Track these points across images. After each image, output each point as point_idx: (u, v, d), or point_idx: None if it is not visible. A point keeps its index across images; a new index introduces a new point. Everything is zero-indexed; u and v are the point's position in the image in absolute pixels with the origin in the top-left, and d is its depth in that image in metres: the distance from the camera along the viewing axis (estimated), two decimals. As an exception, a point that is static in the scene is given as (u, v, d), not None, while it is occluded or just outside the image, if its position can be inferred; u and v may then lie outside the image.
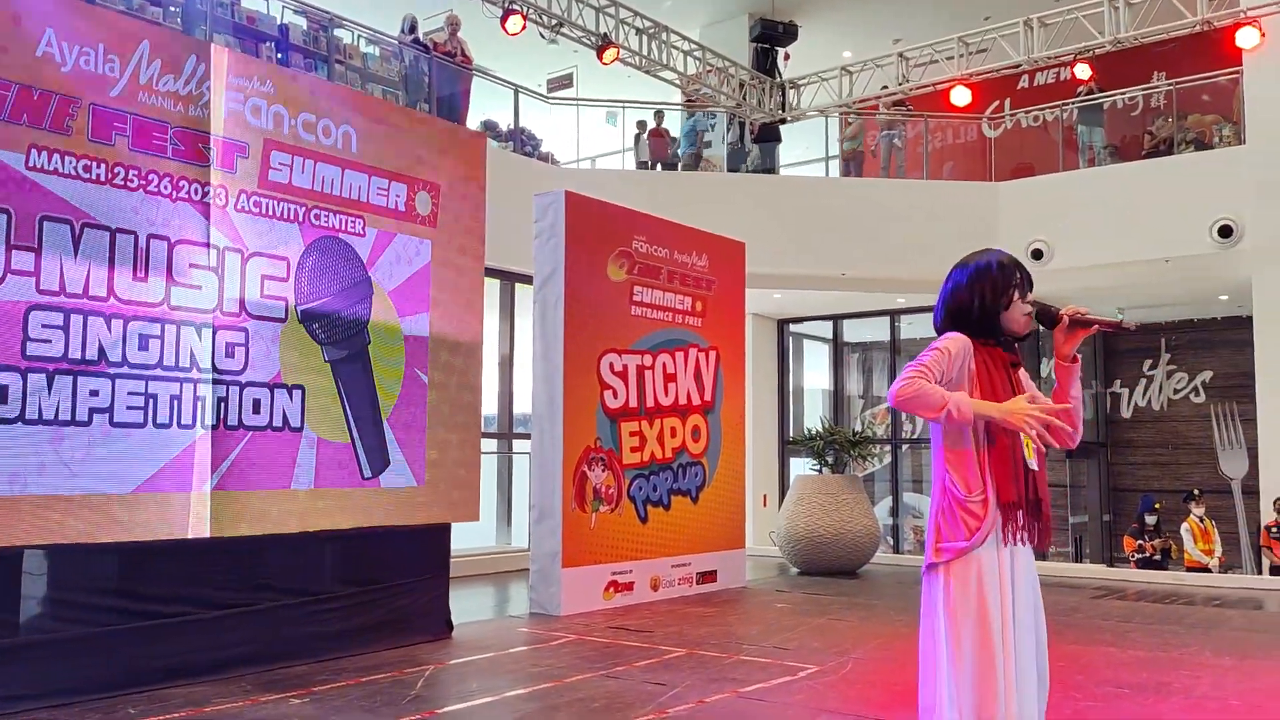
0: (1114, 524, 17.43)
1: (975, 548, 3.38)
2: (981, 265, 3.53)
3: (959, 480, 3.44)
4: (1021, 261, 3.62)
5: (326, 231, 7.29)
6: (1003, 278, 3.49)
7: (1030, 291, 3.54)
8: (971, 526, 3.39)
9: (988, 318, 3.49)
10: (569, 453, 9.28)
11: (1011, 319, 3.50)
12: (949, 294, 3.56)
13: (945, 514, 3.44)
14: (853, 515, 12.31)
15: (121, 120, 6.17)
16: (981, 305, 3.49)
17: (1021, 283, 3.50)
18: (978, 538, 3.38)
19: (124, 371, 6.09)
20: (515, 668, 6.99)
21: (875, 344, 19.06)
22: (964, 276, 3.54)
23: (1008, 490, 3.42)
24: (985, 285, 3.49)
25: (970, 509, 3.40)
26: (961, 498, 3.42)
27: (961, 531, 3.40)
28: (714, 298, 11.21)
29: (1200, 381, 17.22)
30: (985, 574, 3.38)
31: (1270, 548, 12.40)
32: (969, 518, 3.40)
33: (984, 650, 3.33)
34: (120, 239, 6.13)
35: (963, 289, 3.52)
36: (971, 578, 3.37)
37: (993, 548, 3.40)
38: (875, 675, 6.71)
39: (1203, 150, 14.45)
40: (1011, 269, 3.51)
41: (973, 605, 3.36)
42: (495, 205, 8.85)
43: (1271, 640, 8.13)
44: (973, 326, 3.50)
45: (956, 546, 3.40)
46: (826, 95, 16.10)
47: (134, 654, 6.12)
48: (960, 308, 3.52)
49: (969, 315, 3.51)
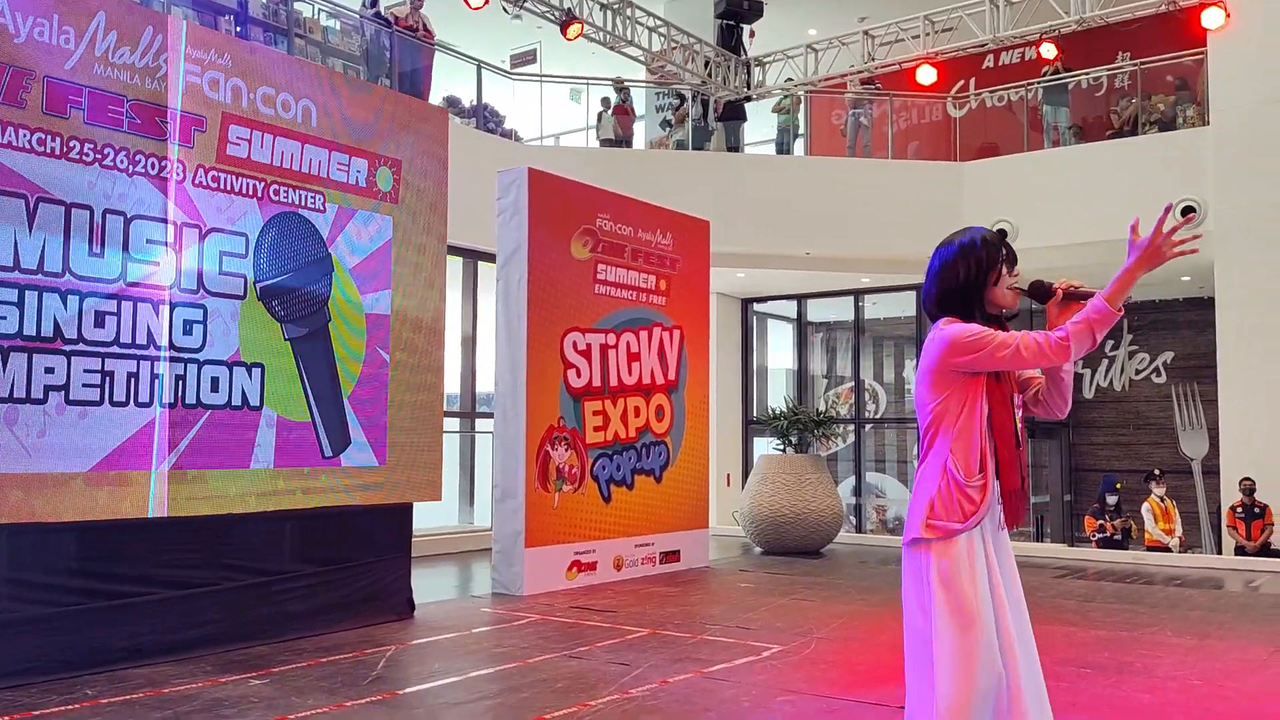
0: (1075, 504, 17.56)
1: (966, 531, 3.37)
2: (965, 242, 3.50)
3: (960, 463, 3.42)
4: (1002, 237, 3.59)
5: (286, 207, 7.18)
6: (988, 253, 3.47)
7: (1015, 267, 3.53)
8: (967, 510, 3.38)
9: (975, 294, 3.48)
10: (532, 432, 9.23)
11: (999, 294, 3.49)
12: (937, 273, 3.54)
13: (942, 493, 3.42)
14: (816, 495, 12.32)
15: (76, 93, 6.05)
16: (968, 281, 3.47)
17: (1007, 258, 3.49)
18: (971, 522, 3.37)
19: (80, 349, 5.98)
20: (478, 648, 6.95)
21: (839, 324, 19.08)
22: (949, 254, 3.52)
23: (1011, 476, 3.42)
24: (971, 261, 3.47)
25: (969, 493, 3.39)
26: (962, 481, 3.41)
27: (957, 514, 3.38)
28: (678, 276, 11.17)
29: (1162, 362, 17.35)
30: (973, 555, 3.38)
31: (1235, 527, 12.51)
32: (966, 502, 3.39)
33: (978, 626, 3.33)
34: (76, 214, 6.02)
35: (949, 266, 3.50)
36: (961, 556, 3.37)
37: (979, 532, 3.40)
38: (838, 655, 6.72)
39: (1166, 131, 14.52)
40: (996, 244, 3.49)
41: (964, 582, 3.36)
42: (458, 182, 8.76)
43: (1232, 620, 8.20)
44: (961, 304, 3.49)
45: (949, 527, 3.38)
46: (792, 73, 16.07)
47: (93, 634, 6.04)
48: (949, 286, 3.50)
49: (955, 294, 3.49)
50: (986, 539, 3.44)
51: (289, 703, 5.36)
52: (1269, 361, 12.92)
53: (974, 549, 3.40)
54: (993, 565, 3.44)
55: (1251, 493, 12.42)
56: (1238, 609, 8.78)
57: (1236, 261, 13.23)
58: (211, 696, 5.48)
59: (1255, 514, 12.38)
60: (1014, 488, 3.42)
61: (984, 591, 3.38)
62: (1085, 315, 3.31)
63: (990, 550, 3.45)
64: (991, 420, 3.44)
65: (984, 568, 3.40)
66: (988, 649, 3.33)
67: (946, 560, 3.40)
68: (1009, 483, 3.42)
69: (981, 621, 3.35)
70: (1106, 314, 3.30)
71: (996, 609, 3.39)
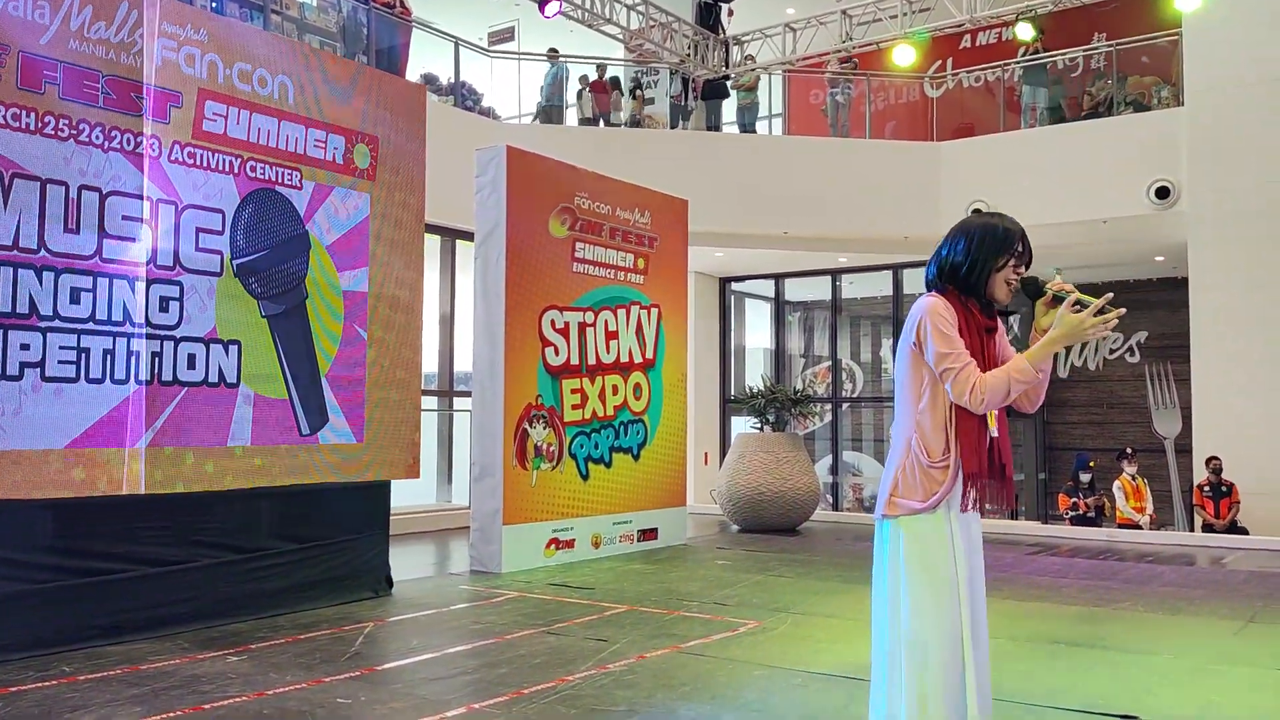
0: (1049, 482, 17.70)
1: (928, 511, 3.42)
2: (988, 226, 3.55)
3: (925, 444, 3.47)
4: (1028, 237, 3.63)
5: (262, 184, 7.15)
6: (1005, 243, 3.51)
7: (1025, 267, 3.57)
8: (929, 490, 3.43)
9: (976, 277, 3.52)
10: (510, 410, 9.23)
11: (995, 284, 3.53)
12: (947, 249, 3.58)
13: (906, 472, 3.48)
14: (793, 473, 12.37)
15: (51, 68, 6.00)
16: (973, 264, 3.51)
17: (1020, 254, 3.52)
18: (933, 501, 3.42)
19: (56, 325, 5.96)
20: (456, 625, 6.98)
21: (817, 303, 19.15)
22: (966, 236, 3.56)
23: (970, 461, 3.45)
24: (985, 245, 3.51)
25: (931, 474, 3.44)
26: (925, 462, 3.45)
27: (919, 493, 3.44)
28: (656, 255, 11.17)
29: (1135, 342, 17.47)
30: (935, 535, 3.43)
31: (1203, 506, 12.64)
32: (929, 482, 3.44)
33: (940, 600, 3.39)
34: (51, 189, 5.98)
35: (961, 247, 3.54)
36: (925, 534, 3.42)
37: (944, 512, 3.45)
38: (814, 631, 6.77)
39: (1141, 111, 14.59)
40: (1015, 239, 3.52)
41: (925, 559, 3.42)
42: (435, 161, 8.74)
43: (1203, 595, 8.29)
44: (959, 283, 3.53)
45: (911, 506, 3.44)
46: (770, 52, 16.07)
47: (70, 611, 6.03)
48: (954, 263, 3.54)
49: (958, 272, 3.53)
50: (954, 523, 3.48)
51: (267, 679, 5.37)
52: (1241, 341, 13.05)
53: (941, 529, 3.45)
54: (958, 552, 3.48)
55: (1219, 471, 12.55)
56: (1209, 585, 8.88)
57: (1210, 242, 13.34)
58: (189, 673, 5.48)
59: (1222, 492, 12.53)
60: (972, 471, 3.45)
61: (949, 573, 3.43)
62: (1008, 368, 3.39)
63: (958, 535, 3.49)
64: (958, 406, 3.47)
65: (948, 555, 3.45)
66: (951, 625, 3.39)
67: (912, 537, 3.45)
68: (968, 466, 3.45)
69: (946, 598, 3.40)
70: (1026, 372, 3.39)
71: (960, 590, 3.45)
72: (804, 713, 4.92)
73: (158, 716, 4.68)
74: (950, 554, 3.45)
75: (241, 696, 5.03)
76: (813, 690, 5.29)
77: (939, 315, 3.46)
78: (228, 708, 4.84)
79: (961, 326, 3.47)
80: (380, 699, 5.04)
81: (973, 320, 3.52)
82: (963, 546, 3.49)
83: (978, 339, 3.49)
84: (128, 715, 4.70)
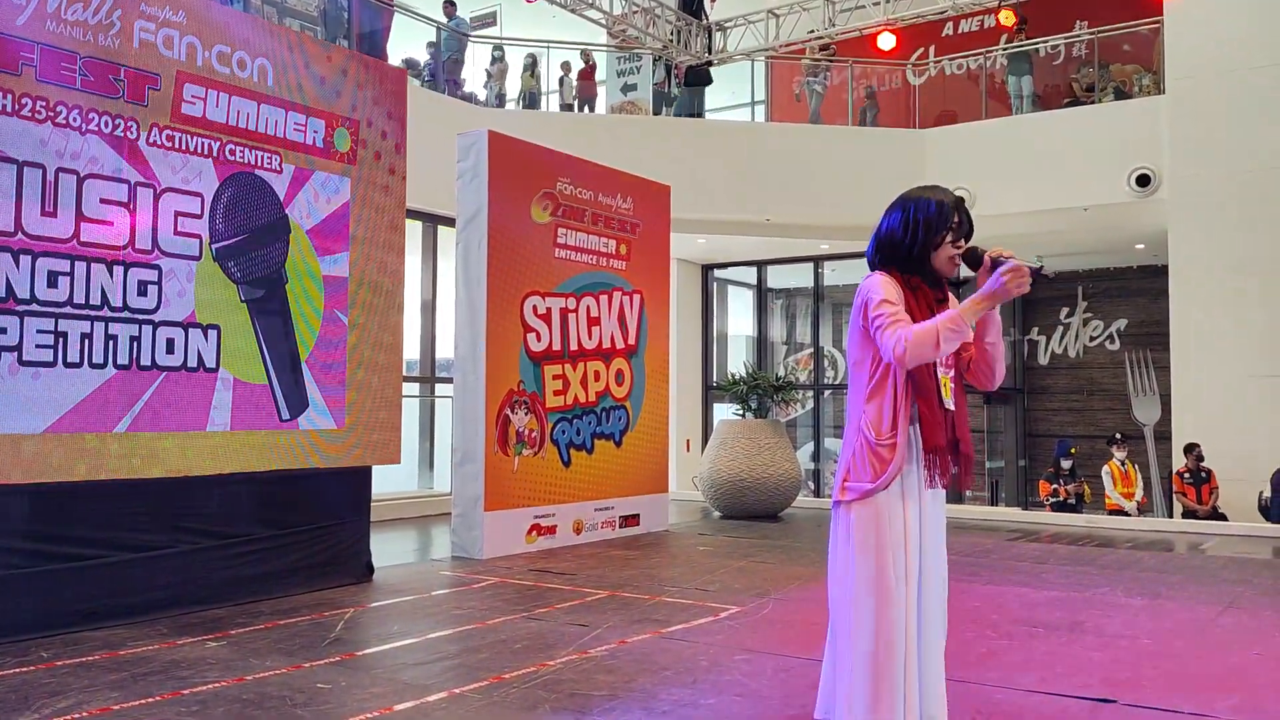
0: (1029, 469, 17.78)
1: (879, 490, 3.41)
2: (921, 203, 3.53)
3: (872, 423, 3.46)
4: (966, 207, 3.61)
5: (242, 167, 7.11)
6: (939, 219, 3.49)
7: (967, 238, 3.55)
8: (878, 469, 3.43)
9: (917, 255, 3.50)
10: (491, 396, 9.21)
11: (938, 260, 3.52)
12: (885, 228, 3.57)
13: (856, 455, 3.48)
14: (775, 460, 12.39)
15: (28, 49, 5.94)
16: (912, 243, 3.49)
17: (957, 226, 3.50)
18: (883, 480, 3.42)
19: (33, 309, 5.91)
20: (437, 610, 6.96)
21: (799, 290, 19.17)
22: (902, 212, 3.55)
23: (935, 434, 3.44)
24: (920, 223, 3.50)
25: (879, 452, 3.44)
26: (873, 440, 3.45)
27: (868, 474, 3.44)
28: (639, 241, 11.15)
29: (1116, 329, 17.55)
30: (888, 517, 3.43)
31: (1184, 493, 12.70)
32: (877, 461, 3.44)
33: (881, 587, 3.40)
34: (28, 172, 5.93)
35: (898, 224, 3.53)
36: (875, 518, 3.42)
37: (897, 492, 3.44)
38: (795, 615, 6.78)
39: (1122, 99, 14.63)
40: (950, 212, 3.50)
41: (873, 545, 3.41)
42: (416, 146, 8.70)
43: (1182, 581, 8.33)
44: (900, 262, 3.52)
45: (862, 488, 3.44)
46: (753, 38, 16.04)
47: (47, 597, 5.99)
48: (893, 242, 3.53)
49: (899, 250, 3.52)
50: (908, 502, 3.47)
51: (246, 664, 5.35)
52: (1221, 329, 13.11)
53: (888, 514, 3.43)
54: (911, 532, 3.47)
55: (1200, 459, 12.61)
56: (1188, 570, 8.93)
57: (1190, 229, 13.39)
58: (168, 659, 5.46)
59: (1202, 479, 12.59)
60: (938, 444, 3.45)
61: (896, 560, 3.43)
62: (937, 319, 3.35)
63: (911, 514, 3.47)
64: (914, 380, 3.46)
65: (899, 537, 3.44)
66: (892, 618, 3.40)
67: (862, 521, 3.45)
68: (932, 439, 3.44)
69: (884, 590, 3.40)
70: (957, 321, 3.33)
71: (905, 574, 3.45)
72: (786, 695, 4.93)
73: (136, 702, 4.66)
74: (900, 536, 3.44)
75: (221, 682, 5.01)
76: (794, 674, 5.29)
77: (884, 286, 3.45)
78: (207, 693, 4.82)
79: (909, 302, 3.45)
80: (361, 684, 5.02)
81: (921, 295, 3.50)
82: (915, 528, 3.48)
83: (927, 313, 3.47)
84: (106, 700, 4.67)
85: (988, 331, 3.55)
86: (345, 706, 4.63)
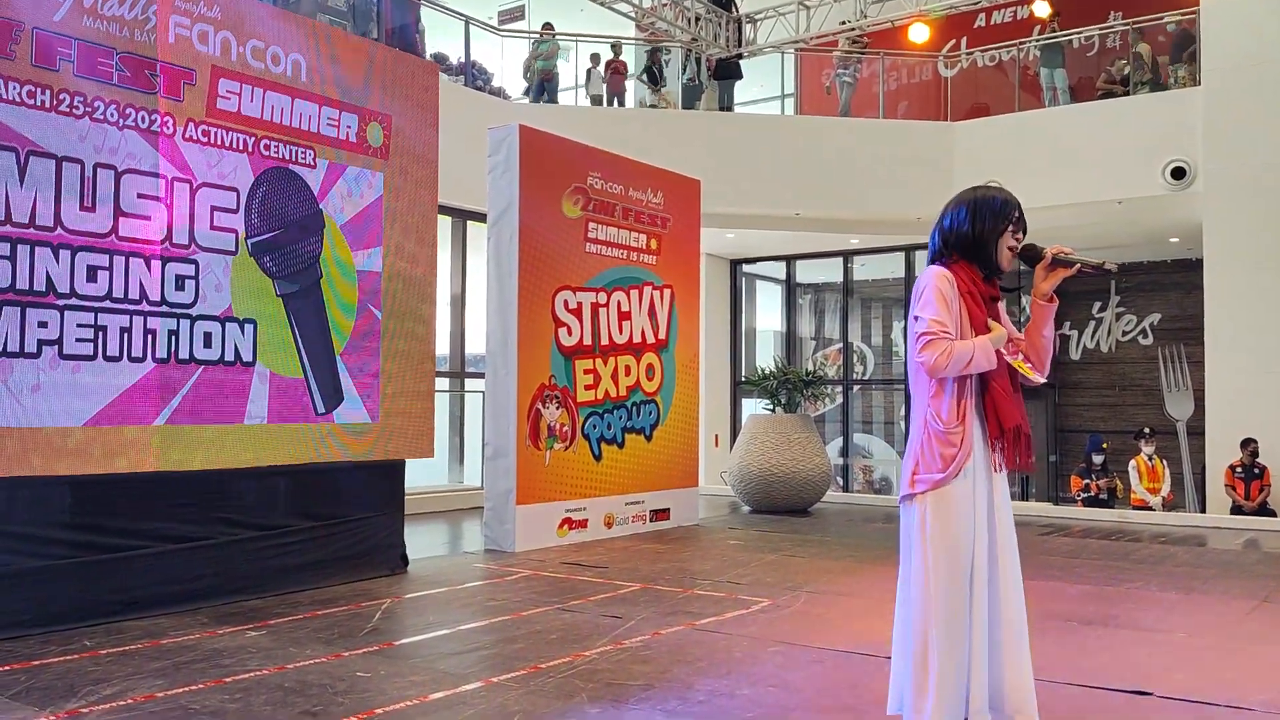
0: (1061, 464, 17.68)
1: (950, 480, 3.44)
2: (986, 195, 3.66)
3: (937, 412, 3.51)
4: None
5: (277, 162, 7.16)
6: (1004, 209, 3.60)
7: (1023, 233, 3.65)
8: (947, 457, 3.46)
9: (983, 245, 3.58)
10: (523, 390, 9.24)
11: (999, 250, 3.60)
12: (950, 219, 3.66)
13: (925, 447, 3.51)
14: (805, 454, 12.37)
15: (66, 45, 6.01)
16: (980, 230, 3.57)
17: (1018, 220, 3.60)
18: (953, 469, 3.45)
19: (73, 303, 5.98)
20: (472, 602, 7.00)
21: (828, 285, 19.12)
22: (969, 205, 3.66)
23: (1012, 415, 3.52)
24: (986, 213, 3.58)
25: (949, 439, 3.47)
26: (939, 430, 3.48)
27: (937, 464, 3.47)
28: (669, 236, 11.16)
29: (1149, 324, 17.42)
30: (961, 505, 3.45)
31: (1234, 487, 12.56)
32: (946, 448, 3.46)
33: (952, 580, 3.42)
34: (67, 168, 5.99)
35: (965, 215, 3.61)
36: (948, 508, 3.45)
37: (969, 479, 3.47)
38: (828, 609, 6.78)
39: (1158, 91, 14.51)
40: (1012, 206, 3.64)
41: (947, 536, 3.44)
42: (446, 141, 8.72)
43: (1215, 574, 8.28)
44: (965, 249, 3.59)
45: (932, 479, 3.47)
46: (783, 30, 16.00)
47: (90, 586, 6.06)
48: (959, 231, 3.60)
49: (964, 239, 3.59)
50: (979, 489, 3.51)
51: (287, 653, 5.40)
52: (1255, 323, 12.99)
53: (960, 502, 3.46)
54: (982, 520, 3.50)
55: (1255, 454, 12.47)
56: (1222, 565, 8.87)
57: (1225, 223, 13.27)
58: (210, 647, 5.51)
59: (1255, 474, 12.45)
60: (1015, 424, 3.50)
61: (965, 557, 3.45)
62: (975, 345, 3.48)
63: (983, 501, 3.51)
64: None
65: (970, 527, 3.47)
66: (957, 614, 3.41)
67: (935, 512, 3.47)
68: (1010, 420, 3.50)
69: (956, 585, 3.43)
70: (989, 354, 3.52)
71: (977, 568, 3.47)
72: (821, 686, 4.93)
73: (180, 689, 4.71)
74: (971, 524, 3.46)
75: (263, 670, 5.06)
76: (829, 665, 5.30)
77: (944, 281, 3.52)
78: (249, 680, 4.87)
79: (967, 294, 3.52)
80: (399, 672, 5.06)
81: (978, 290, 3.58)
82: (985, 513, 3.51)
83: (982, 309, 3.54)
84: (151, 688, 4.73)
85: (1045, 324, 3.65)
86: (385, 694, 4.67)
